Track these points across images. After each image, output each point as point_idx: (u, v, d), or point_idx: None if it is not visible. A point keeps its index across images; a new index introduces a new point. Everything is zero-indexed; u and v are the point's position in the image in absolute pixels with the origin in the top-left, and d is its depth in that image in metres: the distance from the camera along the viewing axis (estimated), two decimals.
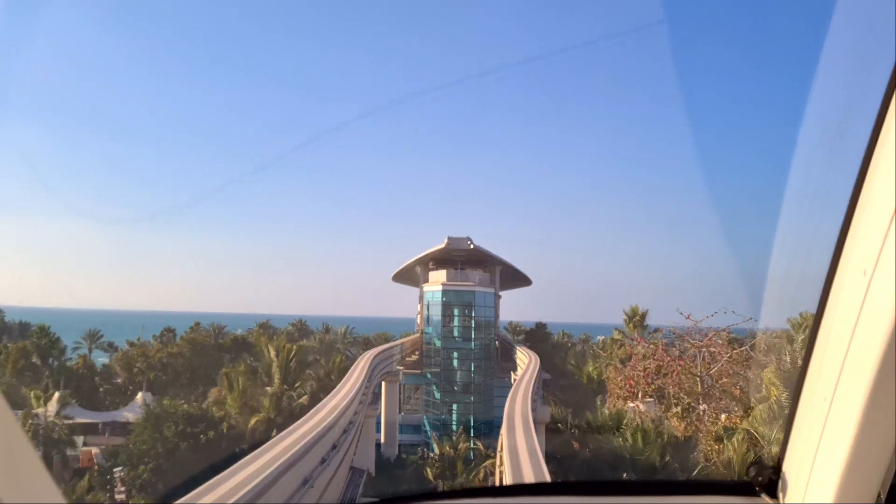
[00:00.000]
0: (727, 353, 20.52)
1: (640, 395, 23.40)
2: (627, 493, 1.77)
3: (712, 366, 20.58)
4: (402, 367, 43.69)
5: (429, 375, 45.38)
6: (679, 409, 21.39)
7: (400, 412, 44.30)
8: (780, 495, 1.60)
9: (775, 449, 1.62)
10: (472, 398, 44.19)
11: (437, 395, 44.79)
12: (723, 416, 20.09)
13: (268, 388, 30.38)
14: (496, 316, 48.41)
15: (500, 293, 50.73)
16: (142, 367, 48.38)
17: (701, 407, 20.61)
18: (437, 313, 45.16)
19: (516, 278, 52.67)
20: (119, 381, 50.78)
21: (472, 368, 44.94)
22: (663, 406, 23.29)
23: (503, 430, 20.75)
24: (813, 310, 1.43)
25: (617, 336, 35.99)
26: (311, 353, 71.22)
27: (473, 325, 44.91)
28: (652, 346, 22.91)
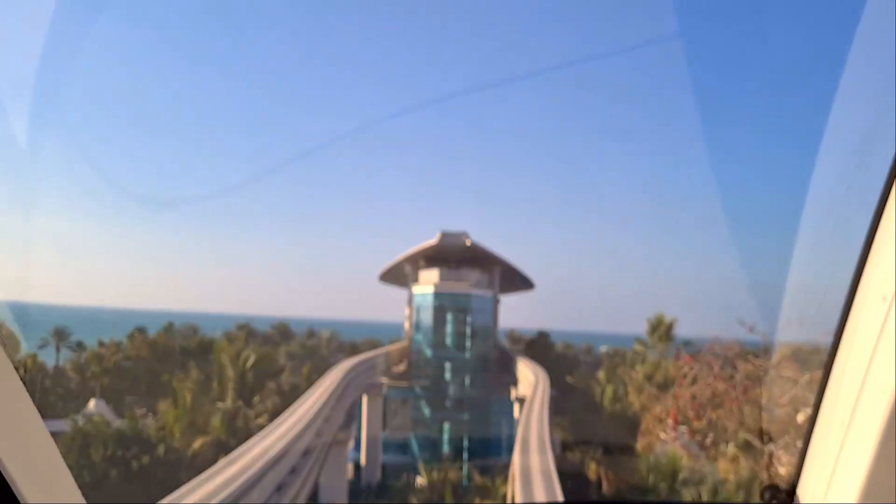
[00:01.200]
0: (799, 377, 15.52)
1: (686, 432, 18.36)
2: None
3: (782, 393, 15.50)
4: (386, 379, 38.47)
5: (417, 389, 40.11)
6: (733, 448, 16.43)
7: (384, 430, 39.09)
8: None
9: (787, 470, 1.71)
10: (465, 415, 38.95)
11: (427, 412, 39.53)
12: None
13: (219, 404, 25.16)
14: (495, 323, 43.20)
15: (500, 297, 45.62)
16: (96, 370, 43.14)
17: (768, 449, 15.56)
18: (427, 318, 39.96)
19: (517, 281, 47.50)
20: (72, 385, 45.69)
21: (467, 382, 39.67)
22: (705, 443, 18.17)
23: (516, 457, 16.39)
24: (831, 331, 1.42)
25: (638, 349, 30.75)
26: (293, 358, 65.51)
27: (469, 333, 39.69)
28: (697, 366, 17.65)
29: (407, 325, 43.03)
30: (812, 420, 1.52)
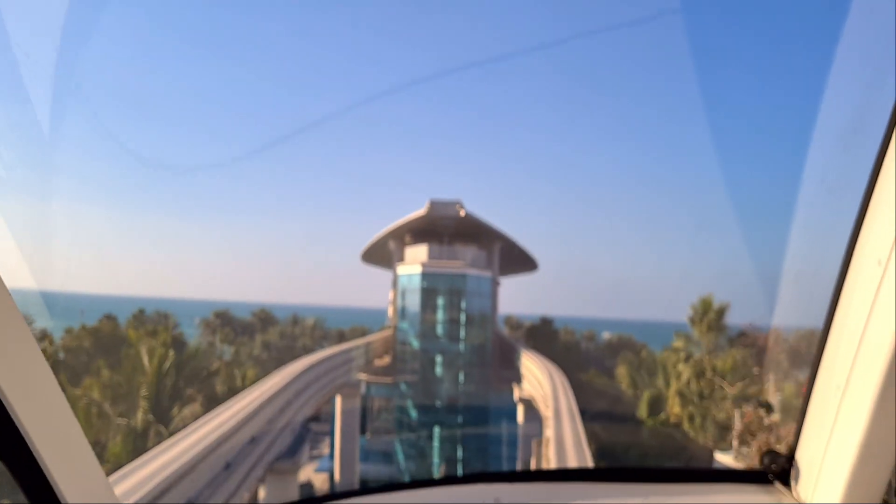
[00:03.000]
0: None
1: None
2: (640, 480, 1.71)
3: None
4: (365, 375, 32.24)
5: (403, 386, 33.88)
6: None
7: (364, 434, 32.98)
8: (793, 483, 1.61)
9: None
10: (459, 418, 32.78)
11: (414, 415, 33.37)
12: None
13: (121, 421, 18.64)
14: (494, 308, 36.90)
15: (499, 279, 39.32)
16: None
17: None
18: (414, 303, 33.64)
19: (519, 261, 41.15)
20: None
21: (461, 378, 33.45)
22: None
23: None
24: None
25: (678, 345, 24.28)
26: (268, 349, 59.43)
27: (463, 320, 33.42)
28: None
29: (391, 311, 36.72)
30: (810, 384, 1.52)
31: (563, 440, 16.88)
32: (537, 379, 26.17)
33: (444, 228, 34.32)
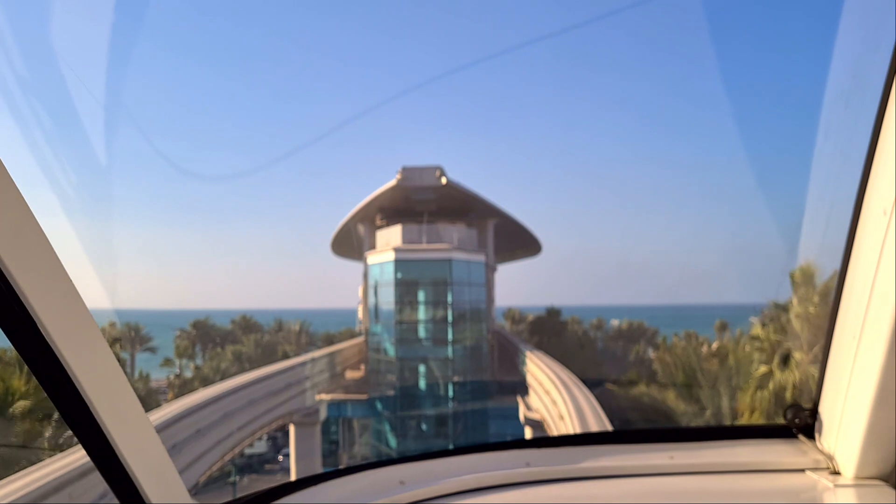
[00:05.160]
0: None
1: None
2: (664, 440, 1.70)
3: None
4: (328, 396, 25.17)
5: (378, 405, 26.80)
6: None
7: (331, 466, 26.02)
8: (817, 436, 1.62)
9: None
10: (449, 444, 25.71)
11: (392, 440, 26.24)
12: None
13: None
14: (489, 300, 29.74)
15: (495, 265, 32.18)
16: None
17: None
18: (388, 300, 26.51)
19: (520, 241, 34.00)
20: None
21: (451, 391, 26.31)
22: None
23: None
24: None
25: (759, 332, 16.80)
26: (239, 360, 52.29)
27: (451, 318, 26.26)
28: None
29: (361, 311, 29.55)
30: (828, 337, 1.53)
31: None
32: (548, 393, 19.09)
33: (422, 203, 27.16)
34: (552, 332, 41.05)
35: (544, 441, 1.70)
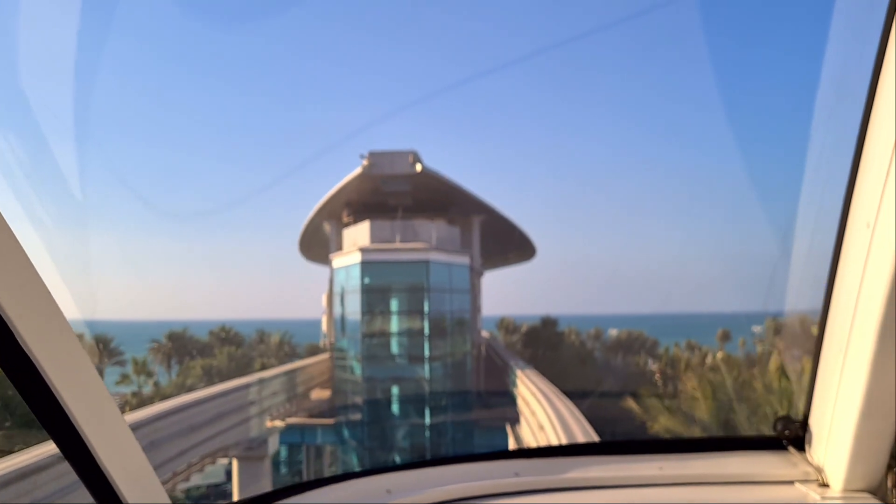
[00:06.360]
0: None
1: None
2: (653, 452, 1.70)
3: None
4: (280, 423, 21.09)
5: (346, 432, 22.72)
6: None
7: None
8: (807, 448, 1.62)
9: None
10: None
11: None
12: None
13: None
14: (475, 309, 25.74)
15: (482, 269, 28.25)
16: None
17: None
18: (354, 310, 22.51)
19: (511, 243, 30.07)
20: None
21: (428, 418, 22.24)
22: None
23: None
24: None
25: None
26: (208, 375, 48.20)
27: (427, 330, 22.24)
28: None
29: (324, 323, 25.50)
30: (817, 348, 1.54)
31: None
32: (542, 429, 15.08)
33: (395, 196, 23.24)
34: (548, 344, 37.09)
35: (533, 451, 1.68)
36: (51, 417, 0.93)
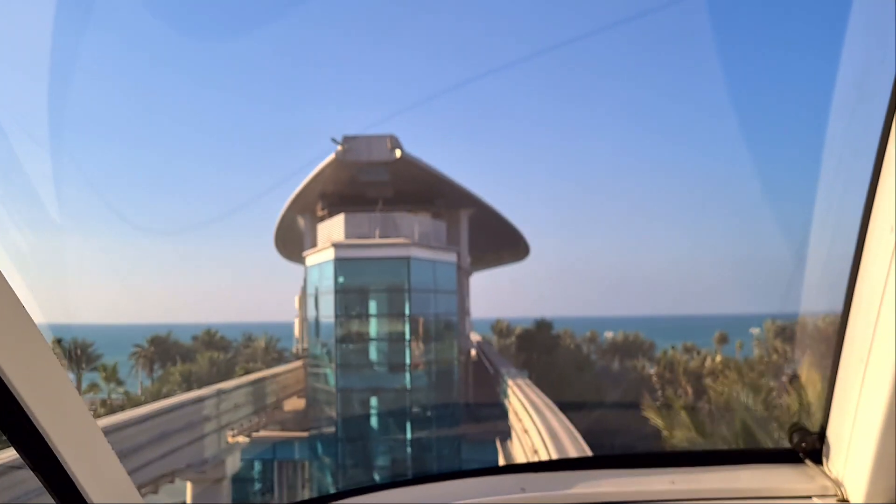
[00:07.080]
0: None
1: None
2: (665, 465, 1.63)
3: None
4: (243, 438, 18.83)
5: (319, 447, 20.47)
6: None
7: None
8: (825, 461, 1.55)
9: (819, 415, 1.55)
10: None
11: (333, 492, 19.99)
12: None
13: None
14: (462, 312, 23.50)
15: (470, 267, 26.04)
16: None
17: None
18: (328, 313, 20.26)
19: (503, 241, 27.87)
20: None
21: (409, 433, 20.00)
22: None
23: None
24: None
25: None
26: (186, 382, 46.34)
27: (409, 335, 20.02)
28: None
29: (296, 328, 23.22)
30: (836, 359, 1.48)
31: None
32: (536, 453, 12.89)
33: (373, 186, 21.01)
34: (543, 348, 34.93)
35: (540, 465, 1.64)
36: (14, 423, 0.89)
